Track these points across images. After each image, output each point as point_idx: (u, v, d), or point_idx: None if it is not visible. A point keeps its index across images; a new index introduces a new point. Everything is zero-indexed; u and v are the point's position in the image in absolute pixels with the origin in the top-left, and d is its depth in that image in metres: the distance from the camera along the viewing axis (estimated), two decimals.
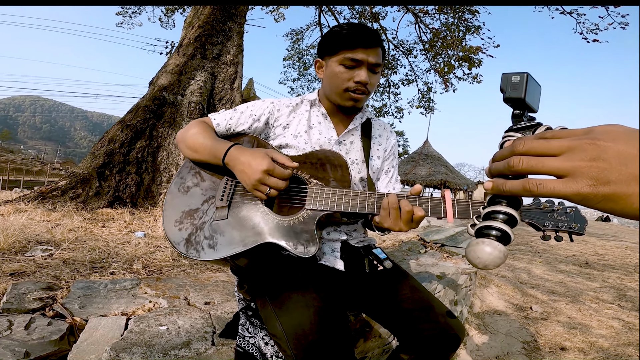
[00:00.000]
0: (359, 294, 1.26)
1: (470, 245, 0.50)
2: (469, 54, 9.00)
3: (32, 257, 2.32)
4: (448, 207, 0.98)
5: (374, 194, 1.08)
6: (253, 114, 1.29)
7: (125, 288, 1.73)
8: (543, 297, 3.79)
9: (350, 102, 1.22)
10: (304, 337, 0.91)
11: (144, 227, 4.06)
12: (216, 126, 1.27)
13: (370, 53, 1.16)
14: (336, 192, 1.08)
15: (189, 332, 1.26)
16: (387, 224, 1.03)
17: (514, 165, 0.45)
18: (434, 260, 4.31)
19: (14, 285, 1.60)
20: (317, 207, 1.07)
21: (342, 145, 1.32)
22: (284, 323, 0.96)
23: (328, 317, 0.97)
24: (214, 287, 1.87)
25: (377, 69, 1.20)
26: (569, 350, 2.41)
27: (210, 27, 7.51)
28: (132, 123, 6.07)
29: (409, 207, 0.98)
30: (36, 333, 1.17)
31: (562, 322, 2.98)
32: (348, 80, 1.19)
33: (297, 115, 1.33)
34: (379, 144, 1.40)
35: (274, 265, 1.14)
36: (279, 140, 1.29)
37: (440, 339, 1.12)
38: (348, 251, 1.27)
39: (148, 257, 2.59)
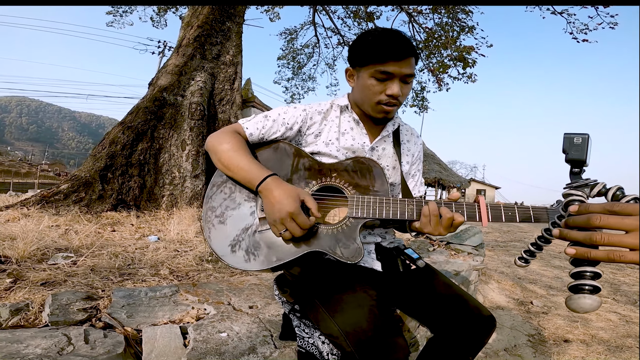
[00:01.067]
0: (394, 292, 1.29)
1: (572, 299, 0.64)
2: (463, 53, 9.08)
3: (56, 264, 2.29)
4: (483, 212, 1.03)
5: (413, 201, 1.11)
6: (286, 122, 1.27)
7: (166, 295, 1.72)
8: (542, 291, 3.91)
9: (382, 114, 1.23)
10: (362, 334, 0.94)
11: (154, 231, 4.02)
12: (249, 136, 1.25)
13: (403, 65, 1.13)
14: (377, 200, 1.11)
15: (249, 337, 1.27)
16: (427, 229, 1.07)
17: (597, 241, 0.57)
18: (444, 257, 4.38)
19: (54, 297, 1.58)
20: (360, 215, 1.10)
21: (374, 152, 1.33)
22: (340, 322, 0.98)
23: (381, 313, 1.00)
24: (250, 290, 1.87)
25: (409, 80, 1.18)
26: (572, 342, 2.49)
27: (209, 27, 7.45)
28: (133, 124, 5.99)
29: (450, 214, 1.02)
30: (99, 347, 1.16)
31: (563, 316, 3.07)
32: (380, 93, 1.18)
33: (329, 122, 1.32)
34: (408, 149, 1.42)
35: (319, 269, 1.16)
36: (311, 147, 1.30)
37: (476, 323, 1.16)
38: (382, 252, 1.31)
39: (171, 262, 2.58)
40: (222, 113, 7.25)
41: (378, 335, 0.95)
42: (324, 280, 1.12)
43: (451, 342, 1.18)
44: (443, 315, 1.19)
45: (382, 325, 0.97)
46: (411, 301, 1.27)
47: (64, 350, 1.13)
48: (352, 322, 0.97)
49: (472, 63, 9.52)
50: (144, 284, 2.02)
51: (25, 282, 1.89)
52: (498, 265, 5.10)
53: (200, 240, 3.43)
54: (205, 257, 2.76)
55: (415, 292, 1.26)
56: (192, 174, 6.19)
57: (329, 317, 1.01)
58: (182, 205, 5.82)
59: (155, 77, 6.97)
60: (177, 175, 6.16)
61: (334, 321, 1.00)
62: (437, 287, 1.25)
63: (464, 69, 9.78)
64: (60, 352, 1.13)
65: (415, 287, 1.27)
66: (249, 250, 1.09)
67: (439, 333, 1.22)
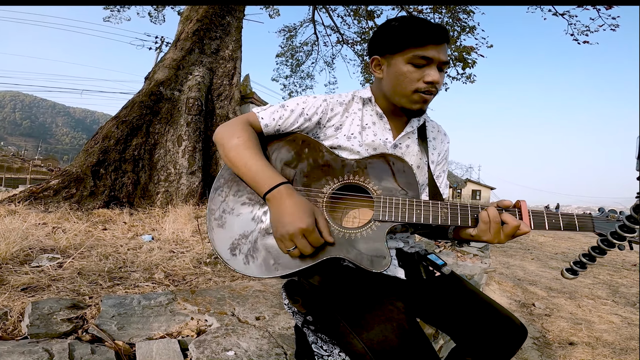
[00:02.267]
0: (417, 300, 1.18)
1: None
2: (463, 53, 9.01)
3: (40, 267, 2.10)
4: (524, 218, 0.96)
5: (447, 204, 1.01)
6: (305, 113, 1.16)
7: (162, 304, 1.54)
8: (543, 293, 3.87)
9: (419, 104, 1.11)
10: (392, 353, 0.84)
11: (148, 230, 3.83)
12: (264, 127, 1.12)
13: (441, 50, 1.06)
14: (406, 202, 1.00)
15: (260, 356, 1.11)
16: (486, 237, 0.98)
17: None
18: (451, 259, 4.26)
19: (35, 305, 1.39)
20: (387, 218, 0.99)
21: (397, 149, 1.22)
22: (366, 339, 0.86)
23: (411, 328, 0.89)
24: (255, 298, 1.71)
25: (445, 68, 1.10)
26: (577, 345, 2.45)
27: (209, 22, 7.25)
28: (128, 119, 5.78)
29: (516, 223, 0.94)
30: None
31: (566, 318, 3.04)
32: (418, 81, 1.08)
33: (350, 115, 1.21)
34: (434, 147, 1.31)
35: (337, 278, 1.03)
36: (331, 141, 1.18)
37: (508, 334, 1.07)
38: (403, 258, 1.18)
39: (166, 264, 2.39)
40: (220, 108, 7.06)
41: (409, 353, 0.85)
42: (344, 291, 0.99)
43: (479, 352, 1.08)
44: (471, 325, 1.09)
45: (414, 341, 0.86)
46: (434, 310, 1.17)
47: None
48: (379, 338, 0.86)
49: (472, 63, 9.43)
50: (136, 289, 1.83)
51: (5, 287, 1.70)
52: (497, 266, 5.10)
53: (197, 241, 3.25)
54: (203, 259, 2.58)
55: (439, 300, 1.15)
56: (188, 171, 5.99)
57: (352, 333, 0.89)
58: (178, 202, 5.63)
59: (152, 70, 6.76)
60: (172, 172, 5.96)
61: (359, 338, 0.88)
62: (463, 295, 1.15)
63: (463, 69, 9.70)
64: None
65: (440, 296, 1.16)
66: (263, 257, 0.96)
67: (465, 343, 1.12)
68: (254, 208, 1.03)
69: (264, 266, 0.95)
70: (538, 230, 0.97)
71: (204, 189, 6.11)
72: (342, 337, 0.92)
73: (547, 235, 9.37)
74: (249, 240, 0.99)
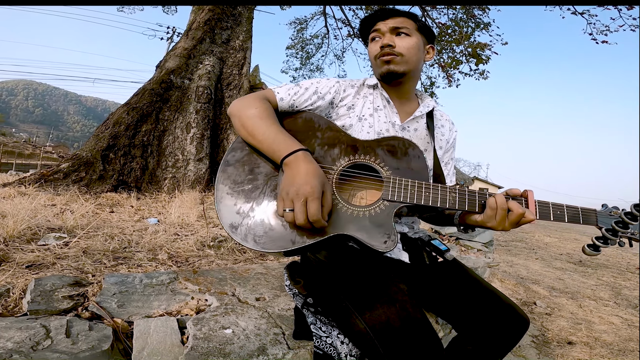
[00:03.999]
0: (419, 286, 1.19)
1: None
2: (477, 49, 8.87)
3: (46, 245, 2.12)
4: (531, 207, 0.98)
5: (455, 188, 1.03)
6: (318, 92, 1.19)
7: (163, 283, 1.54)
8: (544, 292, 3.86)
9: (384, 66, 1.20)
10: (394, 334, 0.84)
11: (154, 213, 3.85)
12: (279, 100, 1.15)
13: (389, 22, 1.20)
14: (415, 184, 1.01)
15: (257, 334, 1.10)
16: (490, 223, 1.01)
17: None
18: (455, 253, 4.22)
19: (37, 281, 1.40)
20: (396, 199, 0.99)
21: (405, 132, 1.24)
22: (369, 320, 0.87)
23: (414, 311, 0.90)
24: (257, 280, 1.70)
25: (402, 31, 1.20)
26: (576, 345, 2.45)
27: (221, 11, 7.23)
28: (139, 106, 5.82)
29: (521, 210, 0.97)
30: (82, 342, 0.98)
31: (566, 318, 3.03)
32: (375, 50, 1.22)
33: (362, 97, 1.26)
34: (442, 134, 1.34)
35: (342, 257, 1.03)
36: (343, 120, 1.21)
37: (510, 323, 1.08)
38: (407, 243, 1.22)
39: (170, 246, 2.40)
40: (229, 98, 7.06)
41: (411, 336, 0.85)
42: (348, 271, 1.00)
43: (480, 342, 1.09)
44: (473, 313, 1.10)
45: (416, 323, 0.87)
46: (436, 296, 1.18)
47: (40, 345, 0.96)
48: (382, 319, 0.87)
49: (486, 60, 9.29)
50: (139, 269, 1.84)
51: (10, 264, 1.72)
52: (500, 263, 5.08)
53: (202, 225, 3.26)
54: (207, 242, 2.58)
55: (441, 287, 1.17)
56: (195, 157, 6.02)
57: (355, 313, 0.91)
58: (184, 188, 5.67)
59: (163, 59, 6.78)
60: (180, 158, 5.99)
61: (361, 318, 0.89)
62: (466, 283, 1.16)
63: (476, 65, 9.56)
64: (34, 347, 0.95)
65: (442, 282, 1.17)
66: (268, 230, 0.96)
67: (467, 332, 1.12)
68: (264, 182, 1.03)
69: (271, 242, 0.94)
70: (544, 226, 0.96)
71: (210, 176, 6.14)
72: (344, 316, 0.93)
73: (553, 235, 9.28)
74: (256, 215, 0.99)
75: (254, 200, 0.99)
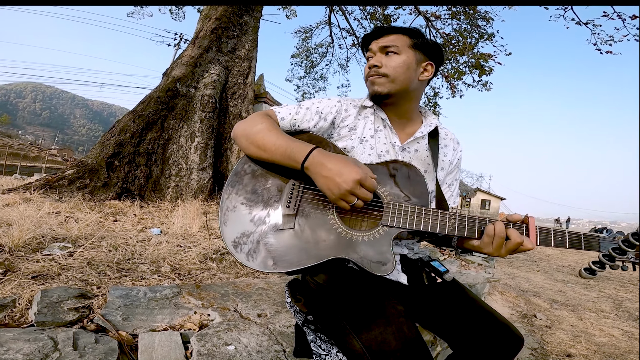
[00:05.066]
0: (417, 305, 1.19)
1: None
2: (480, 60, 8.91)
3: (51, 255, 2.15)
4: (532, 234, 0.97)
5: (455, 214, 1.02)
6: (319, 112, 1.19)
7: (167, 297, 1.57)
8: (545, 305, 3.86)
9: (372, 87, 1.21)
10: (390, 354, 0.85)
11: (157, 223, 3.88)
12: (280, 120, 1.16)
13: (380, 41, 1.20)
14: (415, 210, 1.01)
15: (259, 351, 1.12)
16: (487, 250, 1.01)
17: None
18: (455, 268, 4.22)
19: (44, 293, 1.43)
20: (395, 224, 1.00)
21: (405, 153, 1.23)
22: (365, 340, 0.88)
23: (409, 332, 0.90)
24: (258, 295, 1.72)
25: (391, 50, 1.19)
26: (574, 357, 2.45)
27: (227, 20, 7.33)
28: (144, 113, 5.88)
29: (520, 239, 0.96)
30: (89, 354, 1.01)
31: (566, 330, 3.03)
32: (366, 71, 1.22)
33: (363, 118, 1.24)
34: (445, 155, 1.31)
35: (340, 278, 1.04)
36: (344, 142, 1.20)
37: (504, 342, 1.07)
38: (406, 264, 1.20)
39: (173, 258, 2.43)
40: (233, 107, 7.13)
41: (406, 356, 0.86)
42: (346, 291, 1.01)
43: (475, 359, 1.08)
44: (469, 332, 1.10)
45: (412, 345, 0.88)
46: (433, 315, 1.18)
47: (48, 358, 0.98)
48: (379, 340, 0.87)
49: (489, 71, 9.34)
50: (143, 281, 1.87)
51: (16, 273, 1.75)
52: (502, 276, 5.09)
53: (204, 236, 3.29)
54: (209, 255, 2.61)
55: (439, 306, 1.17)
56: (199, 167, 6.06)
57: (352, 334, 0.91)
58: (187, 197, 5.70)
59: (170, 67, 6.87)
60: (184, 167, 6.04)
61: (358, 338, 0.89)
62: (464, 302, 1.16)
63: (479, 76, 9.61)
64: (43, 358, 0.98)
65: (440, 302, 1.17)
66: (269, 251, 0.97)
67: (462, 350, 1.12)
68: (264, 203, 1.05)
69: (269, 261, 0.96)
70: None
71: (213, 185, 6.17)
72: (342, 336, 0.94)
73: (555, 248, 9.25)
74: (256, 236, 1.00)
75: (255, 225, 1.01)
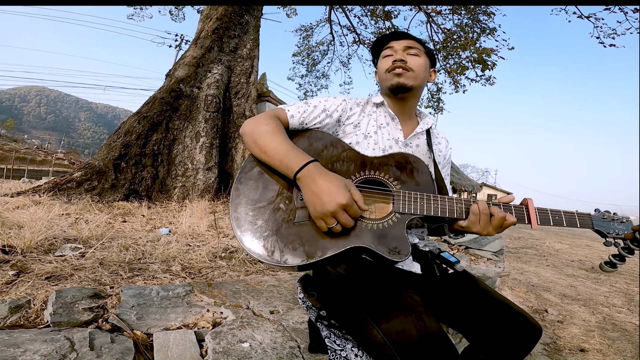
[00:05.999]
0: (431, 297, 1.20)
1: None
2: (483, 55, 8.86)
3: (63, 256, 2.17)
4: (532, 214, 1.03)
5: (461, 199, 1.08)
6: (326, 110, 1.24)
7: (179, 295, 1.58)
8: (556, 300, 3.81)
9: (395, 78, 1.25)
10: (411, 343, 0.86)
11: (165, 223, 3.91)
12: (290, 118, 1.19)
13: (402, 42, 1.29)
14: (424, 197, 1.06)
15: (274, 348, 1.13)
16: (475, 228, 1.05)
17: None
18: (465, 262, 4.21)
19: (58, 293, 1.44)
20: (407, 211, 1.03)
21: (408, 148, 1.30)
22: (386, 330, 0.89)
23: (429, 320, 0.91)
24: (270, 292, 1.74)
25: (413, 52, 1.28)
26: (588, 352, 2.42)
27: (228, 20, 7.34)
28: (149, 115, 5.91)
29: (502, 214, 1.01)
30: (106, 354, 1.02)
31: (578, 325, 2.99)
32: (387, 64, 1.28)
33: (367, 115, 1.31)
34: (440, 150, 1.41)
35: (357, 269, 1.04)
36: (350, 138, 1.26)
37: (522, 332, 1.08)
38: (417, 255, 1.23)
39: (183, 257, 2.45)
40: (237, 106, 7.14)
41: (428, 345, 0.87)
42: (363, 283, 1.02)
43: (493, 351, 1.09)
44: (485, 323, 1.11)
45: (432, 334, 0.88)
46: (447, 307, 1.19)
47: (66, 358, 0.99)
48: (399, 329, 0.88)
49: (492, 65, 9.28)
50: (155, 280, 1.88)
51: (29, 275, 1.77)
52: (511, 271, 5.02)
53: (212, 235, 3.30)
54: (219, 254, 2.62)
55: (452, 297, 1.18)
56: (205, 166, 6.09)
57: (372, 324, 0.92)
58: (194, 197, 5.73)
59: (172, 68, 6.89)
60: (190, 167, 6.07)
61: (378, 328, 0.90)
62: (477, 293, 1.17)
63: (482, 71, 9.55)
64: (61, 359, 0.99)
65: (453, 293, 1.18)
66: (285, 244, 0.98)
67: (479, 342, 1.13)
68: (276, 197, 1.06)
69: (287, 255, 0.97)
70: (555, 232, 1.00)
71: (219, 185, 6.20)
72: (361, 327, 0.95)
73: (564, 242, 9.17)
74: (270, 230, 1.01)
75: (269, 220, 1.02)
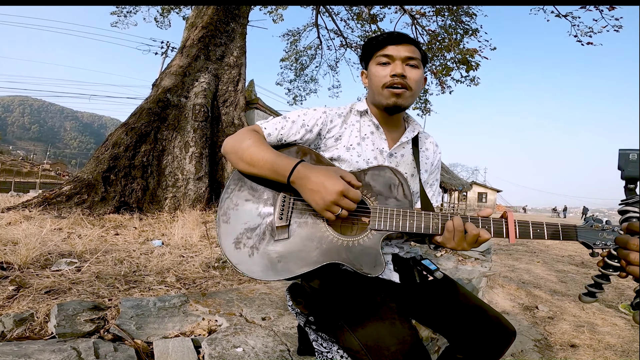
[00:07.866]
0: (411, 303, 1.26)
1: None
2: (467, 56, 9.06)
3: (59, 271, 2.23)
4: (510, 228, 1.00)
5: (438, 214, 1.07)
6: (305, 124, 1.23)
7: (175, 305, 1.66)
8: (547, 296, 3.87)
9: (392, 98, 1.19)
10: (385, 349, 0.90)
11: (157, 234, 3.96)
12: (267, 136, 1.19)
13: (401, 49, 1.17)
14: (400, 213, 1.06)
15: (265, 352, 1.22)
16: (450, 245, 1.04)
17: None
18: (452, 263, 4.33)
19: (60, 306, 1.52)
20: (382, 227, 1.05)
21: (392, 158, 1.29)
22: (361, 337, 0.94)
23: (402, 326, 0.96)
24: (261, 300, 1.82)
25: (413, 63, 1.19)
26: (579, 347, 2.46)
27: (214, 28, 7.40)
28: (137, 126, 5.94)
29: (476, 231, 0.99)
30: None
31: (569, 321, 3.04)
32: (384, 77, 1.18)
33: (349, 126, 1.28)
34: (427, 157, 1.38)
35: (336, 280, 1.11)
36: (331, 152, 1.24)
37: (495, 333, 1.13)
38: (398, 263, 1.26)
39: (177, 268, 2.52)
40: (225, 115, 7.20)
41: (401, 351, 0.91)
42: (342, 292, 1.08)
43: (469, 351, 1.15)
44: (462, 325, 1.16)
45: (405, 338, 0.93)
46: (428, 311, 1.24)
47: None
48: (374, 336, 0.93)
49: (476, 66, 9.51)
50: (151, 292, 1.96)
51: (28, 289, 1.84)
52: (502, 269, 5.09)
53: (205, 245, 3.38)
54: (212, 264, 2.70)
55: (432, 302, 1.23)
56: (195, 176, 6.13)
57: (349, 331, 0.97)
58: (185, 207, 5.77)
59: (159, 78, 6.92)
60: (180, 178, 6.10)
61: (355, 335, 0.96)
62: (455, 298, 1.22)
63: (467, 71, 9.78)
64: None
65: (433, 298, 1.23)
66: (267, 260, 1.03)
67: (457, 342, 1.19)
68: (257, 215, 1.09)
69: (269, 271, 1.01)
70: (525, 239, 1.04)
71: (210, 194, 6.24)
72: (340, 334, 1.00)
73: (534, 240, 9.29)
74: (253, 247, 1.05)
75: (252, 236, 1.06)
